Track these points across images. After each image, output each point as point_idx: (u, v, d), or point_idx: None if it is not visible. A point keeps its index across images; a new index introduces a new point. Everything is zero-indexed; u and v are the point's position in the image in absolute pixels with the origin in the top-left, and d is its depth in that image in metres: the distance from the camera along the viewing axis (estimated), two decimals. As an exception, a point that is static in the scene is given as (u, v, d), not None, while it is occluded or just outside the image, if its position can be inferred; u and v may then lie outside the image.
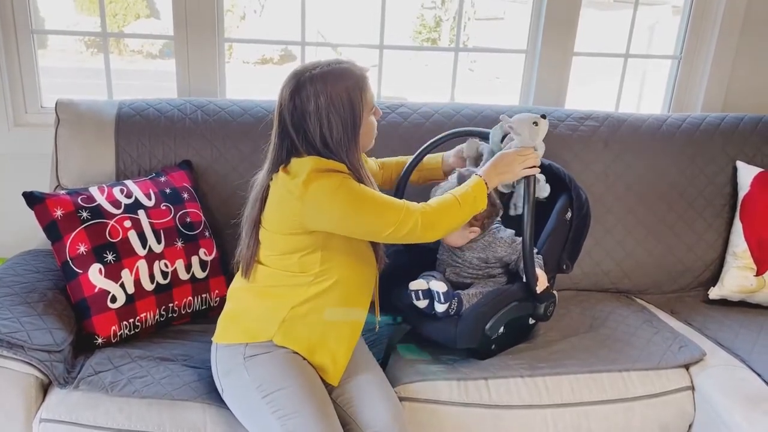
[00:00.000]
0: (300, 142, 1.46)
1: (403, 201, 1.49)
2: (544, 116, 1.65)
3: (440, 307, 1.63)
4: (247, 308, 1.56)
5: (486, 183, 1.56)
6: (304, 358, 1.52)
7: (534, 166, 1.60)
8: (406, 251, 1.86)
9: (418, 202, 1.51)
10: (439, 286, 1.62)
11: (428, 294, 1.65)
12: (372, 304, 1.66)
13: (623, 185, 2.21)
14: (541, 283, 1.66)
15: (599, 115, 2.27)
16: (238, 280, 1.62)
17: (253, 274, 1.55)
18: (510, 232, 1.78)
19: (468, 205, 1.53)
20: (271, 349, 1.49)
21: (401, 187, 1.83)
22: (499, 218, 1.76)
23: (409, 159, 1.81)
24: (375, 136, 1.58)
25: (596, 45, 2.74)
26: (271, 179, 1.50)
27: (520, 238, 1.74)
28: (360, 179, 1.48)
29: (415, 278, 1.68)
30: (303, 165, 1.45)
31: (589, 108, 2.33)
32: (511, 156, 1.59)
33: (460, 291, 1.68)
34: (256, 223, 1.53)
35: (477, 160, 1.80)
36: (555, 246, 1.77)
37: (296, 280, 1.51)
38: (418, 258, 1.84)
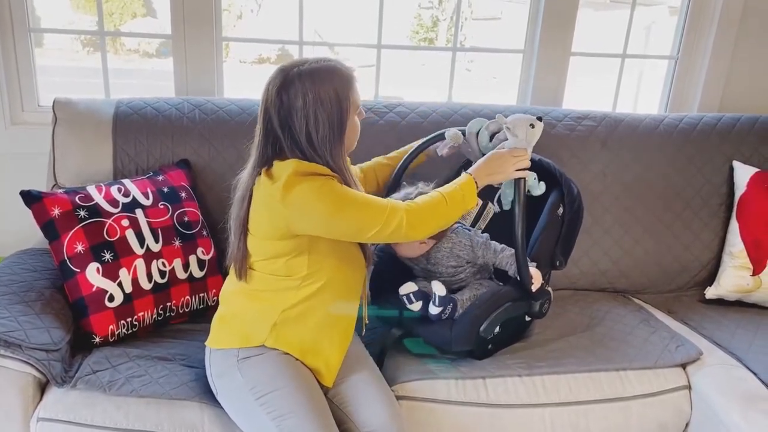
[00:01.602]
0: (285, 140, 1.44)
1: (387, 200, 1.48)
2: (540, 118, 1.64)
3: (434, 309, 1.63)
4: (238, 312, 1.55)
5: (476, 181, 1.55)
6: (298, 359, 1.51)
7: (525, 168, 1.59)
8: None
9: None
10: (439, 289, 1.62)
11: (420, 295, 1.65)
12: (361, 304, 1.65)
13: (621, 185, 2.22)
14: (537, 280, 1.65)
15: (597, 115, 2.27)
16: (229, 283, 1.60)
17: (246, 276, 1.53)
18: (468, 232, 1.75)
19: (456, 203, 1.51)
20: (264, 350, 1.48)
21: (391, 191, 1.81)
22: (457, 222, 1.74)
23: (393, 155, 1.83)
24: (358, 137, 1.56)
25: (593, 45, 2.74)
26: (254, 183, 1.47)
27: (482, 236, 1.73)
28: (344, 180, 1.47)
29: (406, 280, 1.68)
30: (284, 168, 1.42)
31: (586, 108, 2.33)
32: (504, 156, 1.58)
33: (455, 296, 1.68)
34: (244, 225, 1.50)
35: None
36: (548, 242, 1.76)
37: (285, 284, 1.49)
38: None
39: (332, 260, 1.50)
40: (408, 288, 1.65)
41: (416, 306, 1.65)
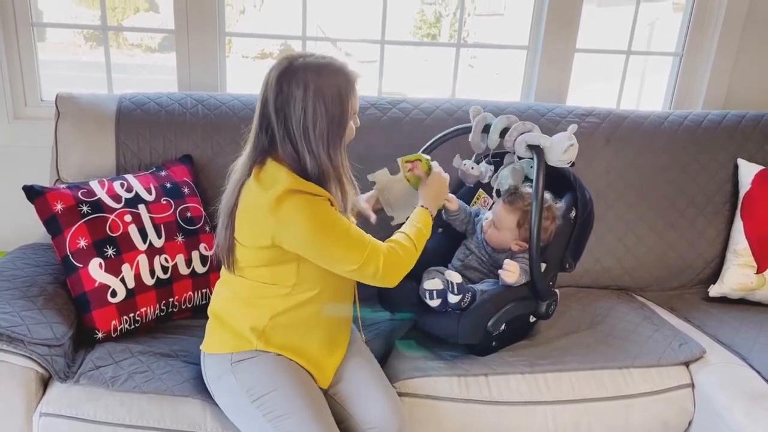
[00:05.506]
0: (278, 128, 1.38)
1: (369, 238, 1.43)
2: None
3: (454, 298, 1.62)
4: (229, 316, 1.51)
5: (429, 211, 1.59)
6: (292, 360, 1.49)
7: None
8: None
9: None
10: (454, 277, 1.61)
11: (442, 294, 1.64)
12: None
13: (624, 182, 2.21)
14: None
15: (601, 112, 2.26)
16: (221, 287, 1.57)
17: (234, 267, 1.49)
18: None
19: (421, 243, 1.53)
20: (257, 353, 1.47)
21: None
22: None
23: None
24: (351, 141, 1.51)
25: (597, 42, 2.72)
26: (246, 179, 1.42)
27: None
28: (339, 179, 1.42)
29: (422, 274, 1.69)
30: (279, 179, 1.37)
31: (590, 105, 2.32)
32: (442, 178, 1.65)
33: (473, 286, 1.68)
34: (232, 216, 1.44)
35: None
36: (559, 245, 1.76)
37: (273, 291, 1.46)
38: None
39: (322, 270, 1.44)
40: (433, 285, 1.64)
41: (435, 303, 1.64)
